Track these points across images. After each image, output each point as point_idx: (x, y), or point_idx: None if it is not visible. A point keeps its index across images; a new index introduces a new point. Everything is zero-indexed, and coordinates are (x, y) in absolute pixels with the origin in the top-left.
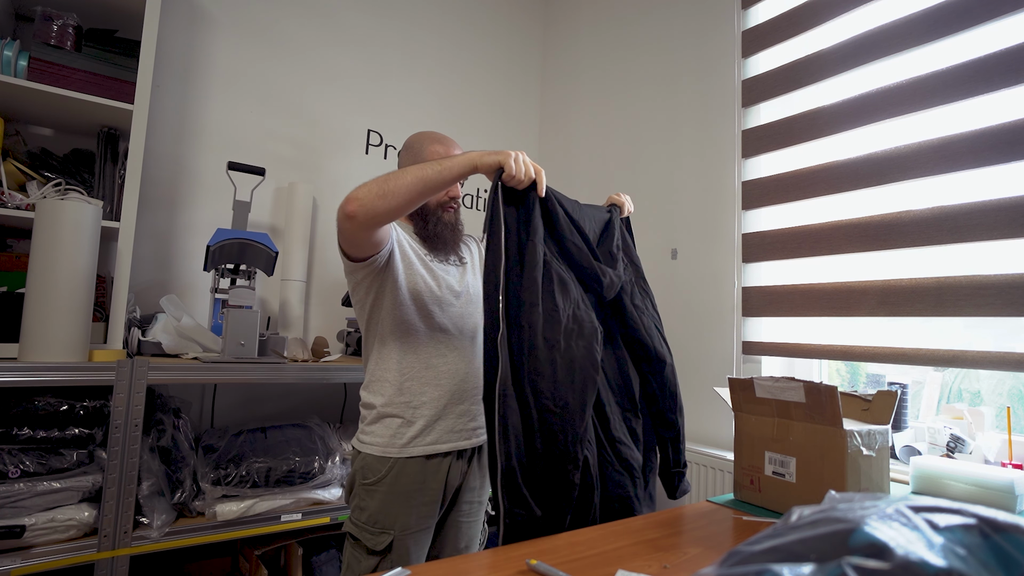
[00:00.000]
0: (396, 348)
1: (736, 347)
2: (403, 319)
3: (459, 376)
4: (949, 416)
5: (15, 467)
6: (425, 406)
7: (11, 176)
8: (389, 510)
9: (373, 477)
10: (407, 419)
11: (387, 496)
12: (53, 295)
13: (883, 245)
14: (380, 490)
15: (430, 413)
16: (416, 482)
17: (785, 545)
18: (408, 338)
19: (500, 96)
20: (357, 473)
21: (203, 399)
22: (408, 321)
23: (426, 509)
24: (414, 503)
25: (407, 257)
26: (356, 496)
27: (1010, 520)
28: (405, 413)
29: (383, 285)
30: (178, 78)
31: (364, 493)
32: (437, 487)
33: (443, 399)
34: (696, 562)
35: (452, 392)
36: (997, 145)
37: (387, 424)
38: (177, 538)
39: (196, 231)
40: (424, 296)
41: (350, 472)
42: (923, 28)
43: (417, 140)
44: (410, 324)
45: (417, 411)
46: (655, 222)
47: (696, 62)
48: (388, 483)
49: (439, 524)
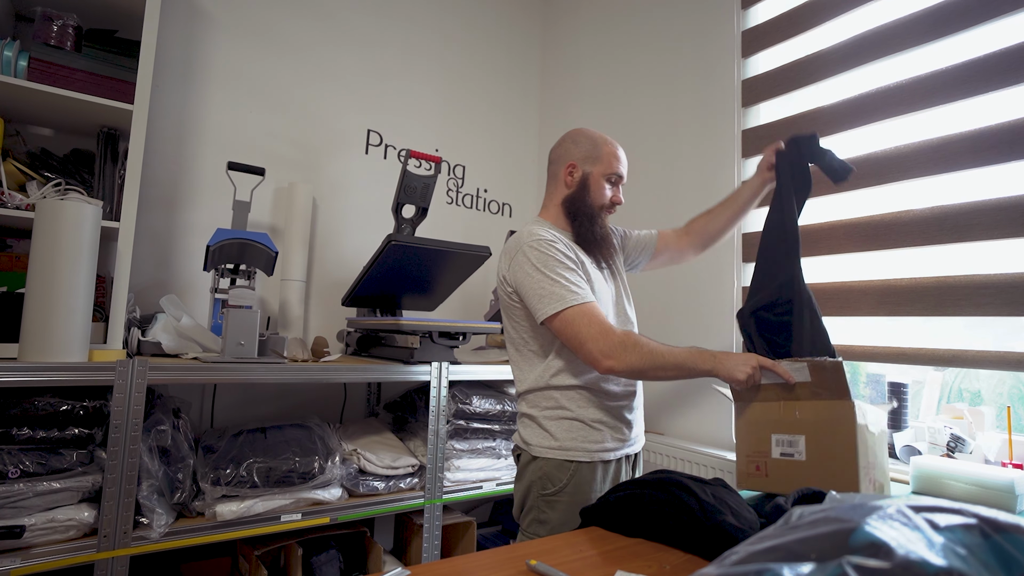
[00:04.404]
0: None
1: (736, 347)
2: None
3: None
4: (949, 416)
5: (15, 467)
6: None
7: (11, 176)
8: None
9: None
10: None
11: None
12: (53, 295)
13: (883, 245)
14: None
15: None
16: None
17: (785, 544)
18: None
19: (500, 96)
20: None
21: (203, 399)
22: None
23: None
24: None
25: (588, 276)
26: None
27: (1010, 520)
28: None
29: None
30: (178, 78)
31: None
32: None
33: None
34: (696, 562)
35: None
36: (997, 145)
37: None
38: (177, 538)
39: (196, 231)
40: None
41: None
42: (923, 28)
43: (588, 137)
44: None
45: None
46: (655, 222)
47: (696, 62)
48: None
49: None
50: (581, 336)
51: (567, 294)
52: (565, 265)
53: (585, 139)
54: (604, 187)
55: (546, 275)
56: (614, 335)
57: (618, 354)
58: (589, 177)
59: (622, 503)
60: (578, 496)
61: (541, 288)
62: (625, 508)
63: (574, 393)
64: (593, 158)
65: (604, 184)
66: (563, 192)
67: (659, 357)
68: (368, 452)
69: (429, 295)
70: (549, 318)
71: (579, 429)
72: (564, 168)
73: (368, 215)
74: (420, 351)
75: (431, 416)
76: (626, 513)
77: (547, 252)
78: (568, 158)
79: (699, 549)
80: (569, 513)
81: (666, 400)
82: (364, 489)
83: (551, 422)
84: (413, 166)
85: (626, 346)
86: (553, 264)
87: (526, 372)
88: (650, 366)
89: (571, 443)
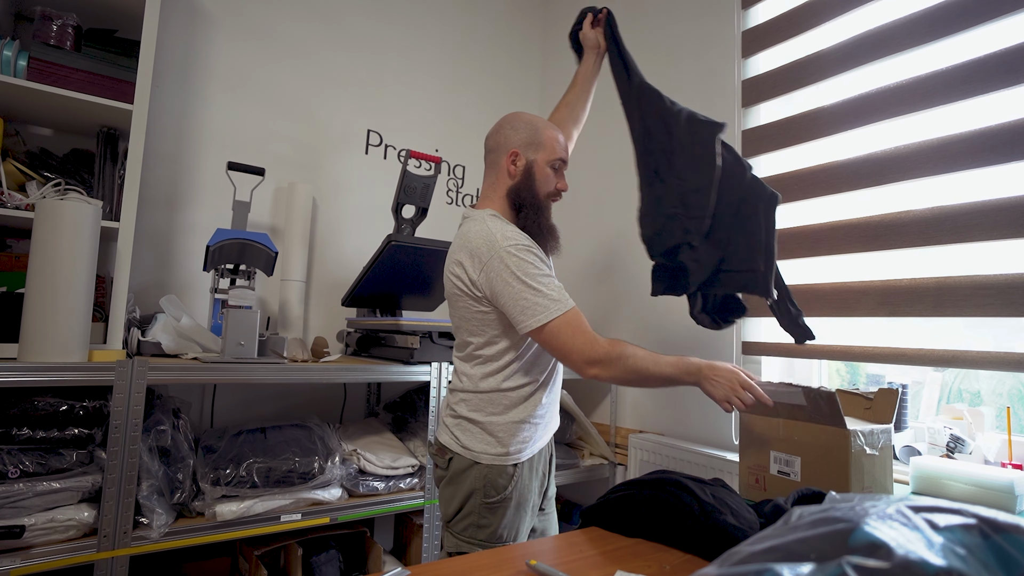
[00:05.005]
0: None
1: (736, 347)
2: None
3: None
4: (949, 416)
5: (15, 467)
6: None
7: (11, 176)
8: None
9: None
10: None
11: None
12: (53, 295)
13: (883, 245)
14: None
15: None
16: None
17: (785, 545)
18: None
19: (500, 98)
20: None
21: (203, 399)
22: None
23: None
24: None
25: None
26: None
27: (1010, 520)
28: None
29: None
30: (178, 78)
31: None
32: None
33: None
34: (696, 562)
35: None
36: (997, 145)
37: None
38: (177, 538)
39: (196, 231)
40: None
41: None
42: (923, 28)
43: (527, 121)
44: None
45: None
46: None
47: (696, 62)
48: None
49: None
50: (568, 347)
51: (551, 304)
52: (543, 271)
53: (524, 124)
54: (549, 175)
55: (528, 284)
56: (600, 345)
57: (604, 364)
58: (534, 165)
59: (622, 503)
60: (520, 498)
61: (524, 299)
62: (625, 508)
63: (522, 392)
64: (535, 144)
65: (549, 171)
66: (507, 182)
67: (643, 370)
68: (368, 452)
69: (429, 295)
70: (535, 330)
71: (526, 429)
72: (506, 157)
73: (368, 215)
74: (420, 351)
75: (431, 416)
76: (626, 513)
77: (526, 259)
78: (509, 145)
79: (699, 549)
80: (512, 516)
81: (666, 400)
82: (364, 489)
83: (499, 427)
84: (413, 166)
85: (611, 358)
86: (533, 272)
87: (477, 374)
88: (635, 379)
89: (516, 446)
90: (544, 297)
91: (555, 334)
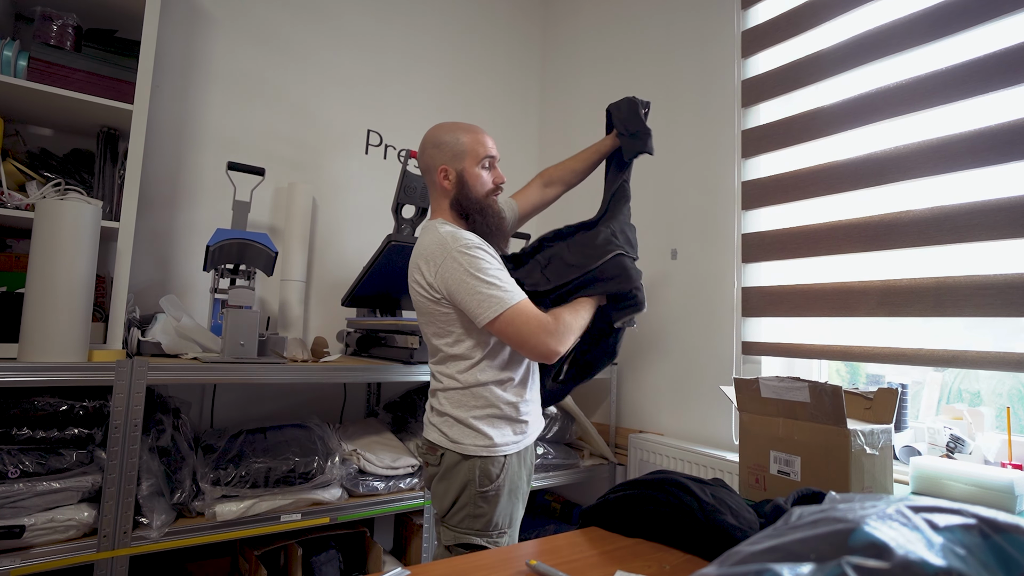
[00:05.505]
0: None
1: (736, 347)
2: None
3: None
4: (949, 416)
5: (15, 467)
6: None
7: (11, 176)
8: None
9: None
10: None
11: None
12: (53, 295)
13: (883, 245)
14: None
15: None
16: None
17: (785, 545)
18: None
19: (500, 98)
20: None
21: (203, 399)
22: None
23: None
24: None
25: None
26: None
27: (1010, 520)
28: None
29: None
30: (178, 78)
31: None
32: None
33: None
34: (696, 562)
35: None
36: (996, 145)
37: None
38: (177, 538)
39: (196, 231)
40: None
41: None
42: (923, 28)
43: (445, 134)
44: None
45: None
46: (655, 222)
47: (696, 62)
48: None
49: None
50: (523, 334)
51: (503, 295)
52: (494, 266)
53: (444, 138)
54: (481, 175)
55: (481, 279)
56: (547, 324)
57: (555, 339)
58: (464, 173)
59: (622, 503)
60: (512, 486)
61: (478, 293)
62: (625, 508)
63: (501, 386)
64: (459, 154)
65: (480, 172)
66: (447, 196)
67: (578, 327)
68: (368, 452)
69: None
70: (490, 322)
71: (508, 424)
72: (438, 175)
73: (368, 215)
74: (420, 351)
75: None
76: (626, 513)
77: (476, 256)
78: (436, 164)
79: (699, 549)
80: (505, 503)
81: (666, 400)
82: (364, 489)
83: (481, 422)
84: (413, 166)
85: (557, 331)
86: (484, 267)
87: (453, 371)
88: (578, 334)
89: (502, 439)
90: (497, 289)
91: (509, 322)
